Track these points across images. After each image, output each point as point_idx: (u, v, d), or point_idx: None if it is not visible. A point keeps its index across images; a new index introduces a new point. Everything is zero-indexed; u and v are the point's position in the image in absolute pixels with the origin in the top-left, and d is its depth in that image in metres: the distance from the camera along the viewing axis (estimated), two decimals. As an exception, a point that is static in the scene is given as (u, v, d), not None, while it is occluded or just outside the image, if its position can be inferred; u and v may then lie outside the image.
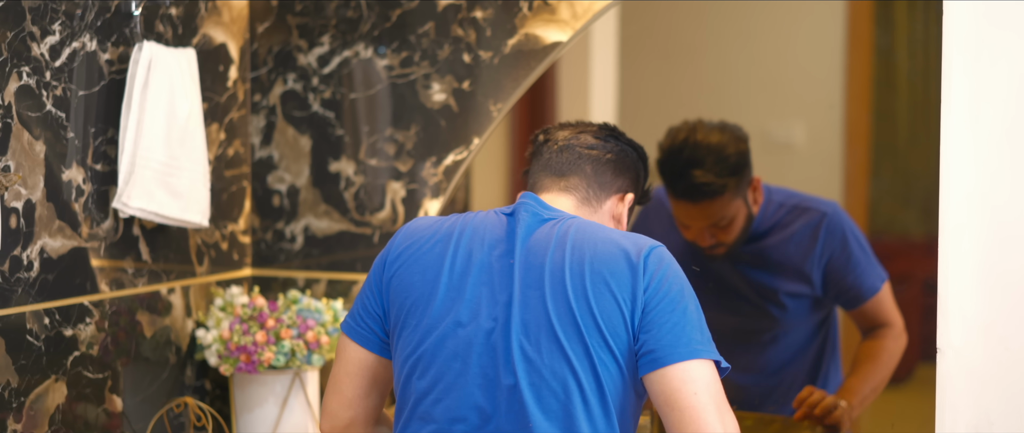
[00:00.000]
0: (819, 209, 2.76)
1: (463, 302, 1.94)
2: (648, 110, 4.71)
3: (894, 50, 5.71)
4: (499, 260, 1.94)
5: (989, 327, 1.78)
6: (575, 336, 1.87)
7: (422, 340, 1.95)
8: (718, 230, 2.69)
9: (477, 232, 1.98)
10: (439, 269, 1.97)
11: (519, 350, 1.88)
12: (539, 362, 1.87)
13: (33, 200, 2.35)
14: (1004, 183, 1.78)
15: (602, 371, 1.86)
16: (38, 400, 2.38)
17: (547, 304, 1.89)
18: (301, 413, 2.75)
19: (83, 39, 2.45)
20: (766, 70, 4.70)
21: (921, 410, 3.51)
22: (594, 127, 2.12)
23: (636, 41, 4.75)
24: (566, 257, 1.90)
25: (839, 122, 4.97)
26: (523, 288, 1.90)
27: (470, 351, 1.92)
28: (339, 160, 2.90)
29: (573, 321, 1.87)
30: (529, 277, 1.91)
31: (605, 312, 1.87)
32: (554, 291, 1.89)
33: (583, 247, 1.91)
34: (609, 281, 1.87)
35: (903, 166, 5.86)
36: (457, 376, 1.92)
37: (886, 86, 5.71)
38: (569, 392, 1.86)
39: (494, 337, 1.90)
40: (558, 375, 1.87)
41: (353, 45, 2.87)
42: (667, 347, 1.84)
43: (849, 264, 2.72)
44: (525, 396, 1.87)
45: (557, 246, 1.92)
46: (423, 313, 1.96)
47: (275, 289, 2.95)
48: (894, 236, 5.80)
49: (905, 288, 5.44)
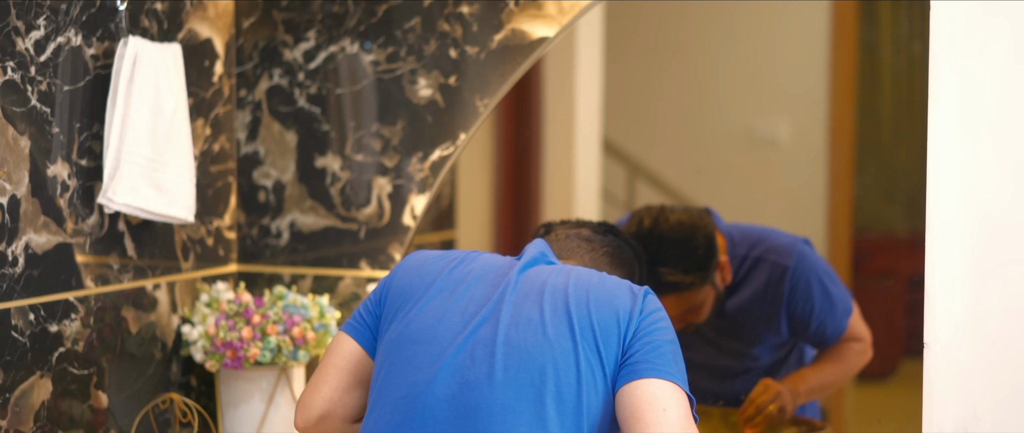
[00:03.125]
0: (781, 263, 2.75)
1: (453, 302, 1.95)
2: (633, 105, 4.72)
3: (879, 46, 5.73)
4: (497, 276, 1.97)
5: (976, 322, 1.78)
6: (566, 333, 1.87)
7: (405, 326, 1.95)
8: (688, 315, 2.70)
9: (484, 258, 2.03)
10: (437, 274, 2.00)
11: (503, 338, 1.88)
12: (522, 347, 1.87)
13: (18, 196, 2.34)
14: (991, 178, 1.79)
15: (585, 370, 1.86)
16: (23, 396, 2.37)
17: (543, 307, 1.91)
18: (287, 409, 2.74)
19: (68, 34, 2.44)
20: (751, 66, 4.71)
21: (906, 406, 3.52)
22: (593, 224, 2.22)
23: (622, 37, 4.75)
24: (569, 282, 1.94)
25: (824, 118, 4.98)
26: (518, 297, 1.93)
27: (450, 341, 1.91)
28: (325, 156, 2.89)
29: (568, 322, 1.88)
30: (526, 289, 1.94)
31: (603, 321, 1.89)
32: (553, 300, 1.92)
33: (588, 280, 1.96)
34: (612, 301, 1.91)
35: (888, 162, 5.87)
36: (431, 359, 1.91)
37: (871, 82, 5.73)
38: (545, 379, 1.86)
39: (480, 332, 1.90)
40: (538, 362, 1.86)
41: (339, 40, 2.86)
42: (646, 363, 1.87)
43: (812, 314, 2.73)
44: (497, 377, 1.86)
45: (560, 274, 1.98)
46: (412, 307, 1.97)
47: (261, 285, 2.94)
48: (879, 232, 5.82)
49: (890, 284, 5.46)
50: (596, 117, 4.56)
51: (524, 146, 4.06)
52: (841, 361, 2.78)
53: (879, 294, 5.56)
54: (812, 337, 2.76)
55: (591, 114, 4.27)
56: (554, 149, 4.09)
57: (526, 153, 4.09)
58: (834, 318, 2.74)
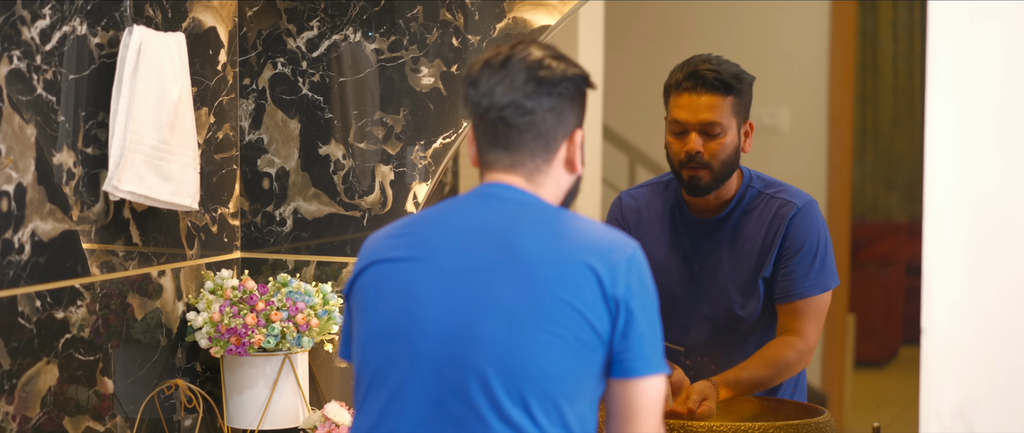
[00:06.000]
0: (791, 201, 2.76)
1: (414, 286, 1.83)
2: (634, 93, 4.73)
3: (878, 34, 5.74)
4: (460, 249, 1.84)
5: (974, 308, 1.79)
6: (540, 316, 1.77)
7: (373, 320, 1.86)
8: (708, 141, 2.68)
9: (441, 222, 1.88)
10: (388, 255, 1.87)
11: (473, 327, 1.78)
12: (490, 336, 1.78)
13: (24, 183, 2.36)
14: (989, 164, 1.80)
15: (563, 353, 1.80)
16: (30, 382, 2.39)
17: (507, 283, 1.80)
18: (291, 395, 2.76)
19: (73, 23, 2.46)
20: (751, 55, 4.72)
21: (904, 391, 3.53)
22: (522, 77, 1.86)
23: (623, 25, 4.76)
24: (537, 252, 1.81)
25: (824, 106, 4.99)
26: (472, 272, 1.81)
27: (421, 330, 1.81)
28: (328, 143, 2.91)
29: (541, 303, 1.78)
30: (482, 260, 1.81)
31: (582, 296, 1.78)
32: (518, 275, 1.79)
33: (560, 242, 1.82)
34: (589, 274, 1.79)
35: (886, 149, 5.89)
36: (406, 352, 1.81)
37: (870, 70, 5.74)
38: (515, 370, 1.76)
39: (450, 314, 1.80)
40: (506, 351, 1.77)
41: (342, 29, 2.87)
42: (641, 358, 1.81)
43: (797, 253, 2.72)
44: (470, 370, 1.76)
45: (520, 234, 1.83)
46: (374, 301, 1.87)
47: (265, 272, 2.96)
48: (878, 219, 5.84)
49: (889, 271, 5.48)
50: (597, 104, 4.57)
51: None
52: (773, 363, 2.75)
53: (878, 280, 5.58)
54: (779, 279, 2.72)
55: (592, 101, 4.29)
56: (555, 137, 4.09)
57: (527, 141, 4.08)
58: (808, 275, 2.73)
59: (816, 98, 4.97)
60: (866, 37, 5.65)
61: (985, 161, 1.82)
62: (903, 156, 5.79)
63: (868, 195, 5.87)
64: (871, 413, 3.72)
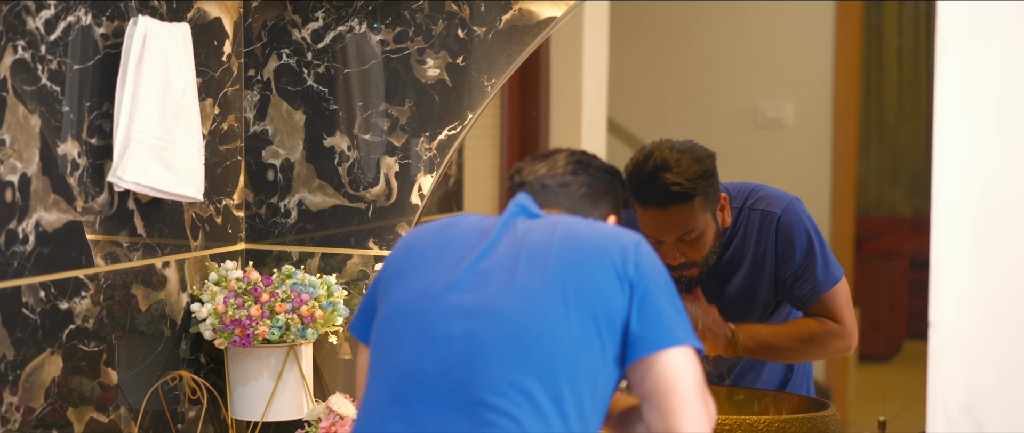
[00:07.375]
0: (770, 211, 2.76)
1: (436, 272, 1.90)
2: (640, 86, 4.72)
3: (884, 26, 5.72)
4: (478, 238, 1.93)
5: (981, 301, 1.79)
6: (556, 299, 1.82)
7: (394, 303, 1.92)
8: (688, 246, 2.68)
9: (467, 221, 1.98)
10: (425, 248, 1.95)
11: (490, 307, 1.84)
12: (510, 316, 1.83)
13: (28, 174, 2.36)
14: (997, 158, 1.80)
15: (579, 337, 1.82)
16: (34, 373, 2.39)
17: (523, 268, 1.86)
18: (295, 387, 2.76)
19: (78, 13, 2.45)
20: (757, 48, 4.71)
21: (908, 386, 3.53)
22: (563, 160, 2.08)
23: (629, 17, 4.75)
24: (553, 239, 1.88)
25: (829, 99, 4.98)
26: (499, 260, 1.88)
27: (436, 313, 1.87)
28: (333, 135, 2.90)
29: (557, 286, 1.83)
30: (505, 252, 1.89)
31: (595, 282, 1.84)
32: (535, 261, 1.85)
33: (575, 235, 1.90)
34: (602, 258, 1.86)
35: (892, 143, 5.87)
36: (421, 333, 1.87)
37: (875, 64, 5.73)
38: (533, 349, 1.81)
39: (463, 300, 1.86)
40: (526, 331, 1.82)
41: (347, 20, 2.87)
42: (656, 330, 1.85)
43: (796, 262, 2.72)
44: (489, 350, 1.82)
45: (542, 230, 1.91)
46: (399, 283, 1.94)
47: (269, 263, 2.96)
48: (882, 213, 5.82)
49: (894, 265, 5.46)
50: (602, 97, 4.56)
51: (531, 126, 4.06)
52: (803, 332, 2.75)
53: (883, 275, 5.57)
54: (791, 290, 2.73)
55: (597, 94, 4.28)
56: (560, 129, 4.10)
57: (533, 133, 4.09)
58: (815, 275, 2.73)
59: (821, 91, 4.96)
60: (871, 30, 5.63)
61: (993, 155, 1.81)
62: (908, 150, 5.78)
63: (872, 189, 5.86)
64: (876, 407, 3.69)
